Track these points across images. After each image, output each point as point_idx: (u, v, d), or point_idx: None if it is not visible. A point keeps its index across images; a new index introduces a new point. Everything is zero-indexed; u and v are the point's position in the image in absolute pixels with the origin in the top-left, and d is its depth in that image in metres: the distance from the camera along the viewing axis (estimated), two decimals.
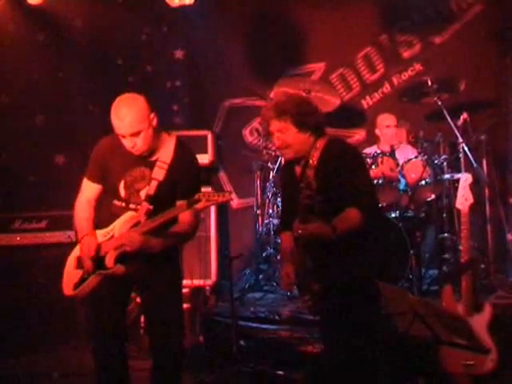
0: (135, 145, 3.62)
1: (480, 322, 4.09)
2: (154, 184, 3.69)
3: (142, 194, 3.73)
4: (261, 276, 6.31)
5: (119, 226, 3.71)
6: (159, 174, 3.70)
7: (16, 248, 5.99)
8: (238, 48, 7.26)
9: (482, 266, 5.73)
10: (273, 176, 6.45)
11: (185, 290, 5.53)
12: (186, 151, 3.81)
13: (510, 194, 6.50)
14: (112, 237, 3.71)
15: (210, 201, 3.48)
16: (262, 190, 6.63)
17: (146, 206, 3.68)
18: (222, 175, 7.28)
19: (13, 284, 5.87)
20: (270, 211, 6.45)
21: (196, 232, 3.85)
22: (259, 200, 6.62)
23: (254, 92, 6.92)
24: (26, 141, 6.86)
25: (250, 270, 6.52)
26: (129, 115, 3.57)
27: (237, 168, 7.19)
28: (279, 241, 4.66)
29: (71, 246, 6.03)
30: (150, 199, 3.70)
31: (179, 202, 3.60)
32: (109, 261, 3.67)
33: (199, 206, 3.49)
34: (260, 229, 6.53)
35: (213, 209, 6.27)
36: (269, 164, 6.52)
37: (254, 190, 6.62)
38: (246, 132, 7.33)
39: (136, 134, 3.60)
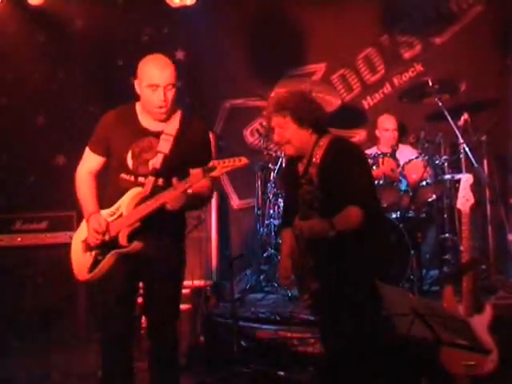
0: (166, 99, 3.59)
1: (481, 323, 4.09)
2: (160, 157, 3.66)
3: (151, 164, 3.68)
4: (261, 277, 6.31)
5: (126, 203, 3.66)
6: (164, 146, 3.66)
7: (17, 249, 6.00)
8: (239, 49, 7.26)
9: (483, 266, 5.72)
10: (273, 177, 6.44)
11: (185, 291, 5.52)
12: (192, 122, 3.78)
13: (511, 195, 6.49)
14: (120, 215, 3.67)
15: (226, 167, 3.48)
16: (263, 190, 6.63)
17: (152, 180, 3.65)
18: (223, 176, 7.26)
19: (13, 284, 5.87)
20: (271, 212, 6.45)
21: (212, 195, 3.89)
22: (260, 201, 6.61)
23: (255, 93, 6.91)
24: (26, 141, 6.87)
25: (251, 271, 6.51)
26: (170, 66, 3.61)
27: (237, 168, 7.16)
28: (280, 241, 4.65)
29: None
30: (156, 173, 3.67)
31: (194, 170, 3.52)
32: (122, 239, 3.63)
33: (215, 173, 3.48)
34: (261, 229, 6.52)
35: (213, 209, 6.27)
36: (270, 165, 6.51)
37: (255, 191, 6.62)
38: (247, 133, 7.33)
39: (170, 87, 3.60)
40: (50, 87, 6.95)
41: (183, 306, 5.26)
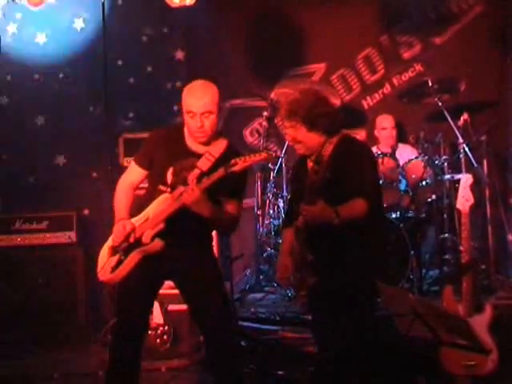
0: (203, 125, 3.71)
1: (481, 323, 4.09)
2: (197, 172, 3.72)
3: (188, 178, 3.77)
4: (261, 277, 6.32)
5: (154, 208, 3.76)
6: (204, 164, 3.74)
7: (16, 249, 5.99)
8: (239, 49, 7.25)
9: (483, 266, 5.74)
10: (273, 176, 6.45)
11: None
12: (236, 153, 3.84)
13: (511, 195, 6.49)
14: (147, 219, 3.76)
15: (245, 161, 3.59)
16: (263, 190, 6.63)
17: (181, 189, 3.70)
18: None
19: (13, 285, 5.87)
20: (271, 212, 6.46)
21: (236, 228, 4.08)
22: (260, 201, 6.61)
23: (255, 93, 6.91)
24: (26, 141, 6.85)
25: (251, 271, 6.52)
26: (206, 96, 3.73)
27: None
28: (280, 241, 4.66)
29: (71, 246, 6.07)
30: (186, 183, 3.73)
31: (219, 169, 3.64)
32: (145, 238, 3.71)
33: (236, 168, 3.58)
34: (260, 229, 6.53)
35: None
36: (269, 165, 6.52)
37: (255, 191, 6.61)
38: (247, 132, 7.33)
39: (207, 114, 3.71)
40: (50, 88, 6.94)
41: (183, 306, 5.25)
